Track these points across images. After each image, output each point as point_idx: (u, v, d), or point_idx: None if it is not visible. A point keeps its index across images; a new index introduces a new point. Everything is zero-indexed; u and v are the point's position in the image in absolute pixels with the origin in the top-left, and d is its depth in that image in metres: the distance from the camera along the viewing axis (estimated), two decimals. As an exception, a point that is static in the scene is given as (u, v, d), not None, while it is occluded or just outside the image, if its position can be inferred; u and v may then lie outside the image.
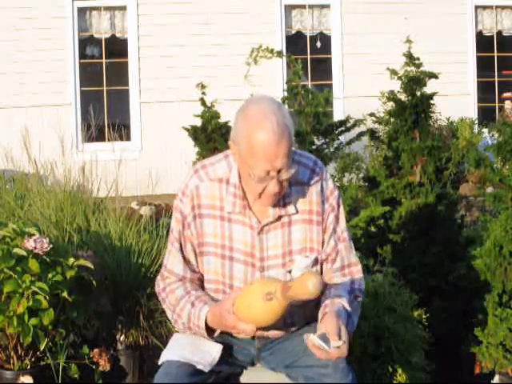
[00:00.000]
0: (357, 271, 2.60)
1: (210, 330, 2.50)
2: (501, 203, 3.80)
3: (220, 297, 2.56)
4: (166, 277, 2.60)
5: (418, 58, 4.35)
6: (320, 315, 2.41)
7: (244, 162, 2.38)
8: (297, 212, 2.51)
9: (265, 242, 2.50)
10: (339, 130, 4.57)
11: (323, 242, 2.54)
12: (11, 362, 3.63)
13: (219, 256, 2.52)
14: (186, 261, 2.56)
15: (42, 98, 9.95)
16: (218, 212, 2.51)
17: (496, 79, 11.34)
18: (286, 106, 4.68)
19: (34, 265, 3.45)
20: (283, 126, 2.32)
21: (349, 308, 2.45)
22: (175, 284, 2.57)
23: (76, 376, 3.70)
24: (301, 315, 2.58)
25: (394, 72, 4.38)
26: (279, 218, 2.50)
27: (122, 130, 7.37)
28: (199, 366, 2.47)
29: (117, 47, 10.63)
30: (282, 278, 2.51)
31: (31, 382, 3.54)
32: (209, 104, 5.34)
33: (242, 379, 2.65)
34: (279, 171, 2.35)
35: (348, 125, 4.60)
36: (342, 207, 2.58)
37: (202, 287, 2.60)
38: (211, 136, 5.26)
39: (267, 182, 2.37)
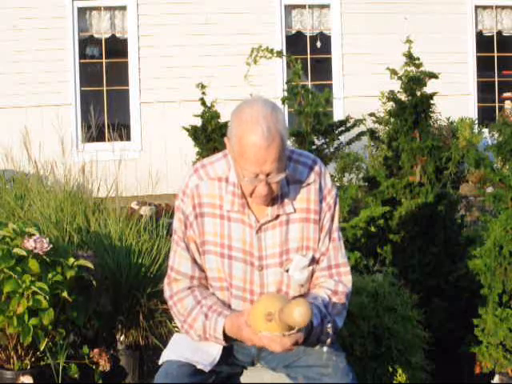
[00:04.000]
0: (344, 272, 2.57)
1: (226, 338, 2.49)
2: (501, 203, 3.80)
3: (226, 294, 2.56)
4: (173, 279, 2.57)
5: (418, 58, 4.35)
6: None
7: (235, 161, 2.41)
8: (295, 211, 2.51)
9: (263, 240, 2.51)
10: (339, 130, 4.57)
11: (319, 241, 2.54)
12: (11, 361, 3.63)
13: (219, 254, 2.53)
14: (192, 260, 2.56)
15: (41, 97, 9.95)
16: (217, 210, 2.52)
17: (496, 79, 11.34)
18: (286, 106, 4.68)
19: (33, 265, 3.45)
20: (274, 131, 2.32)
21: (323, 309, 2.45)
22: (183, 292, 2.54)
23: (76, 376, 3.70)
24: None
25: (394, 72, 4.38)
26: (277, 216, 2.50)
27: (122, 130, 7.38)
28: (199, 366, 2.47)
29: (117, 47, 10.63)
30: (280, 278, 2.52)
31: (31, 381, 3.54)
32: (209, 104, 5.35)
33: (243, 379, 2.65)
34: (268, 174, 2.36)
35: (348, 125, 4.60)
36: (337, 206, 2.58)
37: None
38: (211, 136, 5.26)
39: (256, 184, 2.38)
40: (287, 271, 2.52)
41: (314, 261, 2.54)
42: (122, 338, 4.07)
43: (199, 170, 2.55)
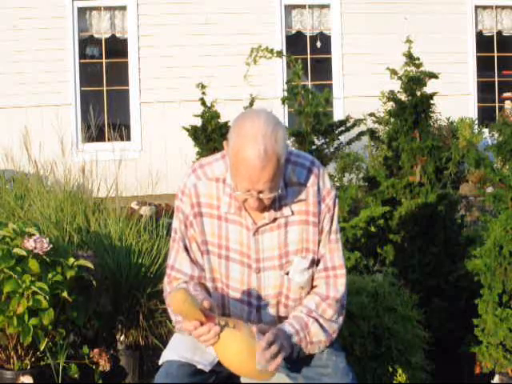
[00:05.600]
0: (340, 275, 2.54)
1: None
2: (501, 203, 3.80)
3: (218, 295, 2.56)
4: (173, 278, 2.56)
5: (418, 58, 4.35)
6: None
7: (230, 170, 2.40)
8: (293, 213, 2.50)
9: (260, 243, 2.50)
10: (339, 130, 4.56)
11: (319, 243, 2.54)
12: (11, 361, 3.63)
13: (216, 255, 2.53)
14: (192, 260, 2.55)
15: (41, 97, 9.95)
16: (215, 211, 2.51)
17: (496, 79, 11.34)
18: (286, 106, 4.67)
19: (33, 265, 3.45)
20: (271, 152, 2.29)
21: (304, 317, 2.46)
22: (179, 286, 2.53)
23: (76, 376, 3.70)
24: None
25: (394, 72, 4.38)
26: (275, 219, 2.49)
27: (122, 130, 7.38)
28: (200, 366, 2.47)
29: (117, 47, 10.63)
30: (279, 280, 2.52)
31: (31, 381, 3.54)
32: (209, 104, 5.34)
33: (243, 379, 2.65)
34: (260, 192, 2.35)
35: (348, 125, 4.60)
36: (337, 207, 2.56)
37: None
38: (211, 136, 5.26)
39: (248, 197, 2.38)
40: (287, 274, 2.52)
41: (314, 263, 2.53)
42: (122, 338, 4.07)
43: (197, 170, 2.55)
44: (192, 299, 2.31)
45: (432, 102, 4.34)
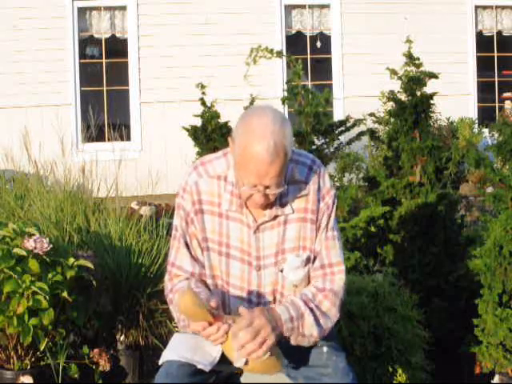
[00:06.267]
0: (338, 271, 2.54)
1: None
2: (501, 203, 3.80)
3: (220, 293, 2.56)
4: (174, 275, 2.57)
5: (418, 58, 4.35)
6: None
7: (236, 167, 2.41)
8: (293, 211, 2.51)
9: (261, 241, 2.51)
10: (339, 130, 4.57)
11: (316, 241, 2.54)
12: (11, 361, 3.63)
13: (217, 252, 2.53)
14: (193, 257, 2.56)
15: (41, 97, 9.96)
16: (216, 208, 2.52)
17: (496, 79, 11.34)
18: (286, 106, 4.67)
19: (33, 265, 3.45)
20: (280, 147, 2.31)
21: (301, 304, 2.44)
22: (181, 283, 2.55)
23: (76, 376, 3.70)
24: None
25: (393, 72, 4.38)
26: (275, 217, 2.50)
27: (122, 130, 7.38)
28: (200, 366, 2.47)
29: (117, 47, 10.64)
30: (275, 278, 2.53)
31: (31, 381, 3.54)
32: (209, 104, 5.34)
33: (243, 379, 2.65)
34: (267, 187, 2.36)
35: (348, 125, 4.60)
36: (335, 206, 2.57)
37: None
38: (211, 136, 5.26)
39: (254, 192, 2.38)
40: (281, 271, 2.52)
41: (309, 261, 2.54)
42: (122, 338, 4.07)
43: (198, 168, 2.56)
44: (200, 301, 2.31)
45: (432, 102, 4.34)
